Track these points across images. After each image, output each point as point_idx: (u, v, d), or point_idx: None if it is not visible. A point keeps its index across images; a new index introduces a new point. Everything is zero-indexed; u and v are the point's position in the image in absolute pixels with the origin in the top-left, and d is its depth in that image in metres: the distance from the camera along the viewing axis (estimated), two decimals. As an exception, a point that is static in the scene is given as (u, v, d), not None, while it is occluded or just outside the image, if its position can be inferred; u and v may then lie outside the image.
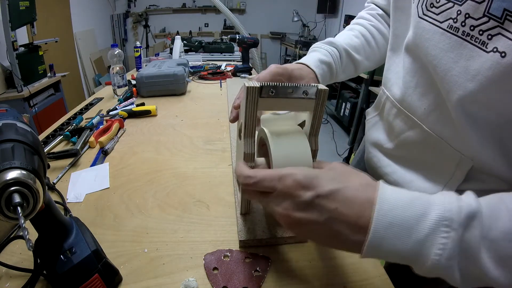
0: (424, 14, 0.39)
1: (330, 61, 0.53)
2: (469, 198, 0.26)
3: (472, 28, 0.32)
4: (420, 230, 0.25)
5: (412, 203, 0.26)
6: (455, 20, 0.34)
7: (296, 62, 0.54)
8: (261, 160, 0.44)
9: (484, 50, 0.31)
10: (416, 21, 0.40)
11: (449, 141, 0.40)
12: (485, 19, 0.31)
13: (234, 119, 0.45)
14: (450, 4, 0.35)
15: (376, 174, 0.56)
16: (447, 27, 0.35)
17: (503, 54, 0.29)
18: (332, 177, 0.29)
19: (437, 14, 0.37)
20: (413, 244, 0.25)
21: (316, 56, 0.53)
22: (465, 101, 0.35)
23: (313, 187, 0.28)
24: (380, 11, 0.61)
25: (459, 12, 0.34)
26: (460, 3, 0.34)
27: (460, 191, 0.40)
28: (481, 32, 0.31)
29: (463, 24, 0.33)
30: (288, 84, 0.38)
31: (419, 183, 0.46)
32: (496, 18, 0.30)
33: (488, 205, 0.25)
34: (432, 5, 0.38)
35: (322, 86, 0.39)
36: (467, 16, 0.33)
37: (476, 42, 0.32)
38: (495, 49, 0.30)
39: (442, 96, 0.39)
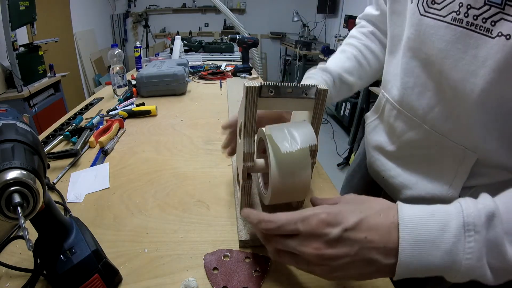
0: (426, 11, 0.40)
1: None
2: (485, 200, 0.28)
3: (475, 17, 0.33)
4: (446, 241, 0.26)
5: (432, 216, 0.28)
6: (457, 13, 0.35)
7: None
8: (260, 161, 0.44)
9: (489, 37, 0.32)
10: (418, 19, 0.41)
11: (451, 137, 0.41)
12: (486, 7, 0.32)
13: (232, 152, 0.51)
14: None
15: (380, 177, 0.56)
16: (451, 20, 0.36)
17: (508, 37, 0.31)
18: (353, 209, 0.30)
19: (440, 10, 0.38)
20: (442, 254, 0.26)
21: None
22: (478, 88, 0.35)
23: (339, 223, 0.29)
24: (371, 28, 0.62)
25: (461, 4, 0.35)
26: None
27: (467, 188, 0.40)
28: (484, 20, 0.32)
29: (466, 15, 0.34)
30: (288, 84, 0.38)
31: (424, 184, 0.46)
32: (496, 4, 0.31)
33: (503, 202, 0.27)
34: (433, 2, 0.38)
35: (322, 86, 0.39)
36: (468, 7, 0.34)
37: (481, 30, 0.33)
38: (499, 34, 0.31)
39: (441, 93, 0.40)
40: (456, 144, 0.40)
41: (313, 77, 0.58)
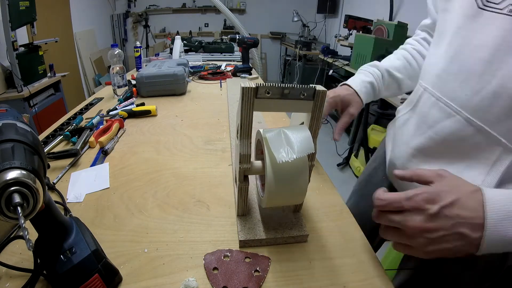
0: (484, 5, 0.41)
1: (372, 80, 0.66)
2: None
3: None
4: None
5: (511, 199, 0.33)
6: None
7: (342, 84, 0.68)
8: (257, 163, 0.43)
9: None
10: (475, 11, 0.42)
11: (491, 127, 0.40)
12: None
13: None
14: None
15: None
16: (508, 12, 0.38)
17: None
18: (449, 189, 0.36)
19: (497, 3, 0.39)
20: None
21: (359, 77, 0.67)
22: None
23: (438, 201, 0.35)
24: (423, 35, 0.68)
25: None
26: None
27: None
28: None
29: None
30: (284, 85, 0.37)
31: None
32: None
33: None
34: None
35: (320, 87, 0.38)
36: None
37: None
38: None
39: (489, 79, 0.39)
40: (495, 136, 0.39)
41: (362, 72, 0.67)
